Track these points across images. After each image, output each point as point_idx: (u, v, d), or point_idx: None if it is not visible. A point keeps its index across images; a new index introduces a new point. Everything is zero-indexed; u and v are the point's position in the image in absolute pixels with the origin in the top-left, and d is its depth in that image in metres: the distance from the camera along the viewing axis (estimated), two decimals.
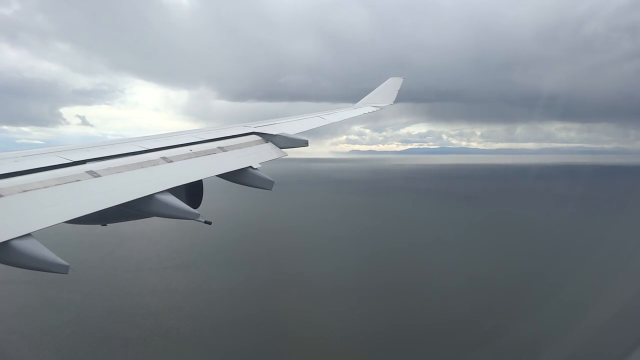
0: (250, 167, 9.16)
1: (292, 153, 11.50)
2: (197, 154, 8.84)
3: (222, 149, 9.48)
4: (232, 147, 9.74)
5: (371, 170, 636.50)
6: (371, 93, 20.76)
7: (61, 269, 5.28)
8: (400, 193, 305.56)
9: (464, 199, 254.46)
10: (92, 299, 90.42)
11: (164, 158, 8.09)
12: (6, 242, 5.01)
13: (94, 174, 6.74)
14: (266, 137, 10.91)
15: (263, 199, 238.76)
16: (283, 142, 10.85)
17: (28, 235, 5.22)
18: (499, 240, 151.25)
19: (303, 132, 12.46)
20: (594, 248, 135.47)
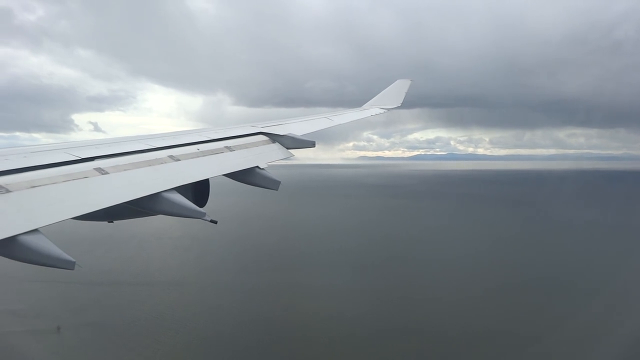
0: (257, 167, 8.96)
1: (304, 159, 11.28)
2: (204, 153, 8.70)
3: (229, 148, 9.30)
4: (239, 147, 9.54)
5: (392, 175, 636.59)
6: (378, 95, 20.22)
7: (67, 265, 5.20)
8: (442, 197, 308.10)
9: (510, 203, 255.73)
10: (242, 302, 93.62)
11: (171, 156, 7.97)
12: (13, 237, 4.93)
13: (101, 171, 6.65)
14: (273, 138, 10.65)
15: (305, 204, 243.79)
16: (290, 142, 10.58)
17: (35, 230, 5.13)
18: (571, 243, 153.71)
19: (310, 133, 12.08)
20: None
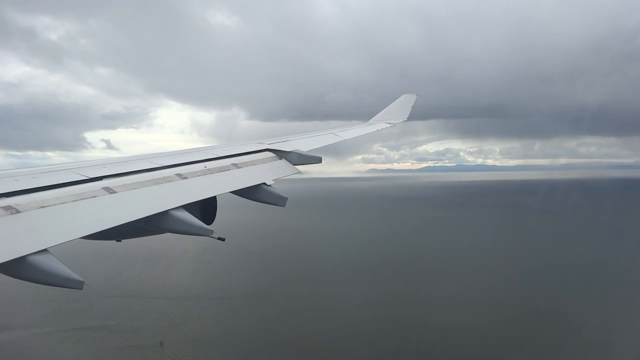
0: (264, 183, 8.70)
1: (314, 172, 11.16)
2: (211, 171, 8.48)
3: (236, 165, 9.07)
4: (246, 164, 9.31)
5: (411, 187, 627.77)
6: (385, 110, 19.81)
7: (76, 285, 5.04)
8: (479, 208, 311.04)
9: (544, 213, 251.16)
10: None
11: (178, 174, 7.77)
12: (23, 258, 4.79)
13: (109, 191, 6.49)
14: (280, 154, 10.39)
15: (365, 219, 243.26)
16: (297, 159, 10.29)
17: (44, 250, 5.01)
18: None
19: (317, 148, 11.78)
20: None
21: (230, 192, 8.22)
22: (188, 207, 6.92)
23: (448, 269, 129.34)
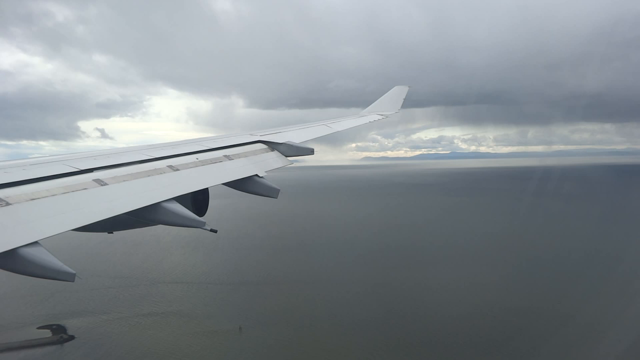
0: (256, 175, 8.47)
1: (310, 161, 11.04)
2: (203, 163, 8.25)
3: (228, 157, 8.84)
4: (238, 156, 9.08)
5: (408, 175, 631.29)
6: (377, 101, 19.48)
7: (68, 277, 4.87)
8: (491, 193, 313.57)
9: (537, 199, 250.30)
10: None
11: (170, 166, 7.58)
12: (14, 250, 4.64)
13: (101, 183, 6.31)
14: (272, 146, 10.15)
15: (393, 208, 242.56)
16: (289, 150, 10.07)
17: (35, 243, 4.86)
18: None
19: (309, 140, 11.51)
20: None
21: (222, 184, 7.92)
22: (180, 199, 6.67)
23: (451, 256, 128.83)
